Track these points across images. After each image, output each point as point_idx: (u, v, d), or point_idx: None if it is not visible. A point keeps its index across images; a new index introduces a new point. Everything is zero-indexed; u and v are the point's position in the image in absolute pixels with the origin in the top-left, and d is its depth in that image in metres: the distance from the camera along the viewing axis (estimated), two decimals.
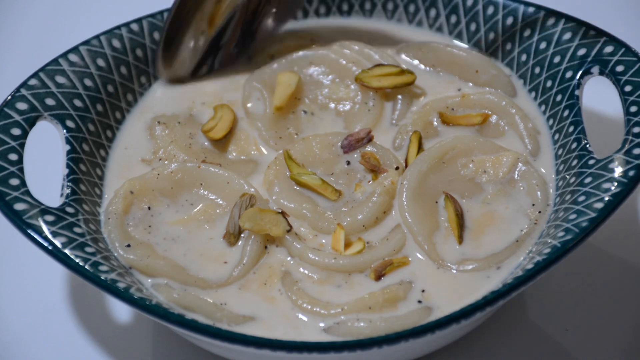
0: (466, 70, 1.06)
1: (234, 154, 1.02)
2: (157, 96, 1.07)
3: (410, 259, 0.90)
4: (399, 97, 1.04)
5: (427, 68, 1.07)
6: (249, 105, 1.05)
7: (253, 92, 1.06)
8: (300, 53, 1.07)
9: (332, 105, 1.05)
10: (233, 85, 1.09)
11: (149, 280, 0.88)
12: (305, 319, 0.86)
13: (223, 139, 1.02)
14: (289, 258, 0.91)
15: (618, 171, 0.86)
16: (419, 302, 0.86)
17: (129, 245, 0.90)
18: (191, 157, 0.99)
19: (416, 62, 1.08)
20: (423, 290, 0.87)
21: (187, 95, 1.07)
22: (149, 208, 0.94)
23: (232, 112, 1.04)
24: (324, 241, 0.92)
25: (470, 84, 1.05)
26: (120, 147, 1.01)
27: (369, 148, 0.98)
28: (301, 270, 0.90)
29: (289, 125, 1.04)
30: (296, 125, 1.04)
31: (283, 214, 0.92)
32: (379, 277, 0.89)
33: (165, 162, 0.99)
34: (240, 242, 0.91)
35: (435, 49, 1.07)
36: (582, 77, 0.97)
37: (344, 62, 1.06)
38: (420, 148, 0.98)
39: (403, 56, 1.09)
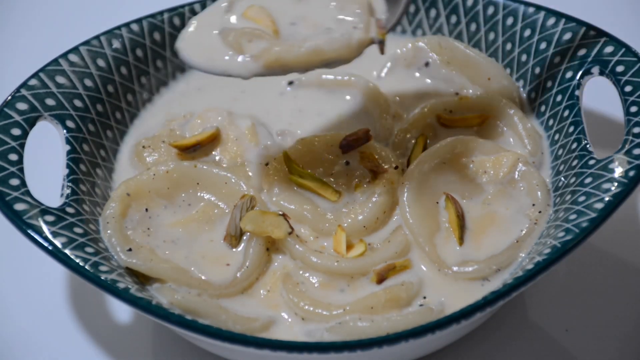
0: (479, 75, 1.04)
1: (225, 161, 1.00)
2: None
3: (411, 261, 0.90)
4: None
5: (441, 63, 1.07)
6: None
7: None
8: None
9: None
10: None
11: (155, 285, 0.88)
12: (308, 320, 0.86)
13: (206, 146, 1.00)
14: (290, 261, 0.91)
15: (618, 171, 0.86)
16: (420, 305, 0.86)
17: (130, 250, 0.89)
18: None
19: (434, 55, 1.07)
20: (425, 297, 0.87)
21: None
22: (147, 210, 0.93)
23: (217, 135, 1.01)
24: (325, 244, 0.92)
25: (479, 89, 1.04)
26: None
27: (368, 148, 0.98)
28: (302, 273, 0.90)
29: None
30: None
31: (284, 216, 0.91)
32: (381, 280, 0.88)
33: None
34: (242, 244, 0.91)
35: (453, 47, 1.06)
36: (582, 77, 0.97)
37: None
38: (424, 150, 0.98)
39: (421, 44, 1.07)
